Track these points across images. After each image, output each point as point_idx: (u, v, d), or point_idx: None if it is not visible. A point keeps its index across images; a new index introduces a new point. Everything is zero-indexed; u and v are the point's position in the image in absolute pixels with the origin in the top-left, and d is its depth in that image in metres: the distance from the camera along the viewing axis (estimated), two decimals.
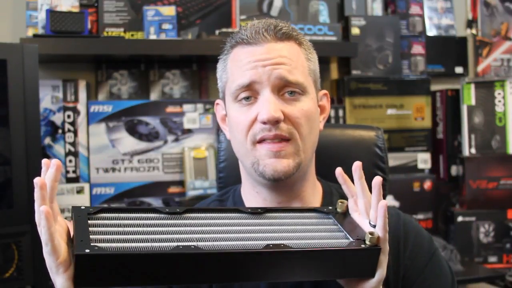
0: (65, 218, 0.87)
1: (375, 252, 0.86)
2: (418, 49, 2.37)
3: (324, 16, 2.22)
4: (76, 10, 1.93)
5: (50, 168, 0.85)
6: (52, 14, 1.82)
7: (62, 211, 1.92)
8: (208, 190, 2.00)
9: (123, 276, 0.78)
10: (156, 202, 2.01)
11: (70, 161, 1.96)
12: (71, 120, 1.96)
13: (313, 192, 1.07)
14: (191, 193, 2.00)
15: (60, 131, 1.95)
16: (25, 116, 1.52)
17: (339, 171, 0.95)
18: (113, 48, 1.91)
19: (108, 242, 0.80)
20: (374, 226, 0.88)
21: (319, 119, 1.06)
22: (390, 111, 2.25)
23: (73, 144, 1.96)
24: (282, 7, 2.19)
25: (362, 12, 2.29)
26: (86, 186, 1.96)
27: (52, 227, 0.78)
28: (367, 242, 0.86)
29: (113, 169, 1.99)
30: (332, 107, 2.15)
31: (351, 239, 0.89)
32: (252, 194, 1.06)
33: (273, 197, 1.03)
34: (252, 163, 0.98)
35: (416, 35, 2.37)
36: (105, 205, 0.95)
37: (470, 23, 2.48)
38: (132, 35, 2.03)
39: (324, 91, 1.09)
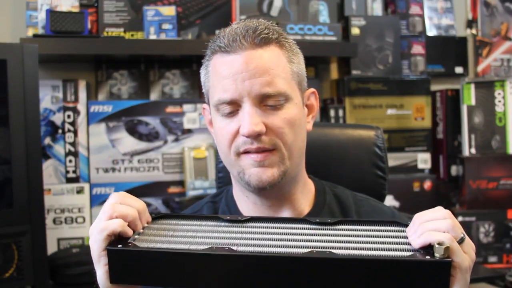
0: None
1: (445, 266, 0.72)
2: (418, 49, 2.37)
3: (324, 16, 2.22)
4: (76, 10, 1.93)
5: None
6: (52, 14, 1.82)
7: (62, 211, 1.92)
8: (208, 190, 2.00)
9: (156, 275, 0.77)
10: (156, 202, 2.01)
11: (70, 161, 1.96)
12: (71, 120, 1.96)
13: (303, 194, 1.07)
14: (191, 193, 2.00)
15: (60, 131, 1.95)
16: (25, 116, 1.52)
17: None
18: (113, 48, 1.90)
19: (150, 243, 0.80)
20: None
21: (307, 119, 1.05)
22: (390, 111, 2.25)
23: (73, 144, 1.96)
24: (282, 7, 2.19)
25: (362, 12, 2.29)
26: (86, 186, 1.96)
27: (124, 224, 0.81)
28: (436, 254, 0.73)
29: (113, 169, 1.99)
30: (332, 107, 2.15)
31: (416, 252, 0.75)
32: (243, 198, 1.06)
33: (262, 201, 1.03)
34: (238, 172, 0.99)
35: (416, 35, 2.37)
36: (171, 213, 0.95)
37: (470, 23, 2.48)
38: (132, 35, 2.03)
39: (312, 90, 1.07)
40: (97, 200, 1.97)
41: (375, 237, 0.82)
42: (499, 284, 2.10)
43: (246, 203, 1.05)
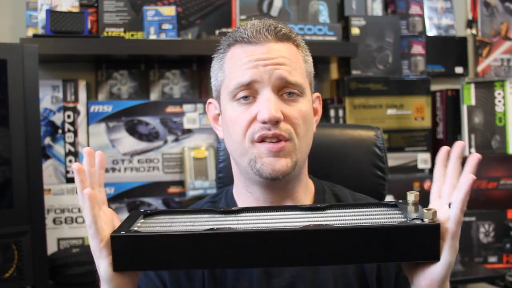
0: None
1: (434, 229, 0.76)
2: (418, 49, 2.37)
3: (324, 16, 2.22)
4: (76, 10, 1.93)
5: (95, 157, 0.88)
6: (52, 14, 1.82)
7: (62, 211, 1.92)
8: (208, 190, 2.00)
9: (160, 259, 0.78)
10: (156, 202, 2.01)
11: (70, 161, 1.96)
12: (71, 120, 1.96)
13: (305, 192, 1.07)
14: (191, 193, 2.00)
15: (60, 131, 1.95)
16: (25, 116, 1.52)
17: (457, 145, 0.87)
18: (113, 48, 1.90)
19: (152, 228, 0.82)
20: None
21: (313, 121, 1.06)
22: (390, 111, 2.25)
23: (73, 144, 1.96)
24: (282, 7, 2.19)
25: (362, 12, 2.29)
26: None
27: (95, 209, 0.81)
28: (424, 219, 0.77)
29: (113, 169, 1.99)
30: (332, 107, 2.15)
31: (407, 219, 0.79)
32: (245, 194, 1.05)
33: (266, 196, 1.03)
34: (249, 161, 0.98)
35: (416, 35, 2.37)
36: (165, 209, 0.96)
37: (470, 23, 2.48)
38: (132, 35, 2.03)
39: (317, 94, 1.09)
40: None
41: (366, 215, 0.86)
42: (499, 284, 2.10)
43: (249, 200, 1.05)
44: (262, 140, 0.97)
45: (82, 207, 0.82)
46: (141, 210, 0.91)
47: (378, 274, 1.01)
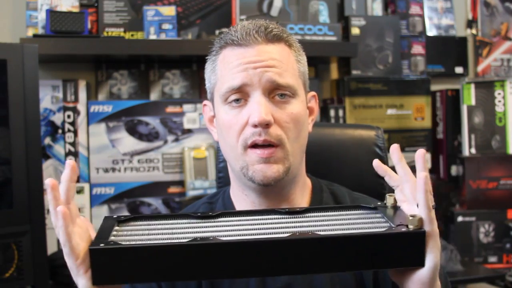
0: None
1: (419, 236, 0.76)
2: (418, 49, 2.37)
3: (324, 16, 2.22)
4: (76, 10, 1.93)
5: (65, 169, 0.86)
6: (52, 14, 1.82)
7: None
8: (208, 190, 2.00)
9: (142, 272, 0.76)
10: (156, 202, 2.01)
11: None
12: (71, 120, 1.96)
13: (302, 193, 1.07)
14: (191, 193, 2.00)
15: (60, 131, 1.95)
16: (25, 116, 1.52)
17: (376, 163, 0.91)
18: (113, 48, 1.91)
19: (130, 239, 0.79)
20: None
21: (308, 121, 1.06)
22: (390, 111, 2.25)
23: (73, 144, 1.96)
24: (282, 7, 2.19)
25: (362, 12, 2.29)
26: (86, 186, 1.96)
27: (69, 227, 0.77)
28: (409, 226, 0.77)
29: (113, 169, 1.99)
30: (332, 107, 2.15)
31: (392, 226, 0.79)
32: (241, 197, 1.05)
33: (261, 201, 1.03)
34: (241, 168, 0.98)
35: (416, 35, 2.37)
36: (140, 215, 0.94)
37: (470, 23, 2.48)
38: (132, 35, 2.03)
39: (313, 93, 1.09)
40: (97, 200, 1.97)
41: (347, 219, 0.86)
42: (499, 284, 2.10)
43: (245, 202, 1.05)
44: (253, 146, 0.96)
45: (55, 225, 0.78)
46: (114, 216, 0.88)
47: (375, 277, 1.01)
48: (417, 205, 0.79)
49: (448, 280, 1.03)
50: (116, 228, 0.84)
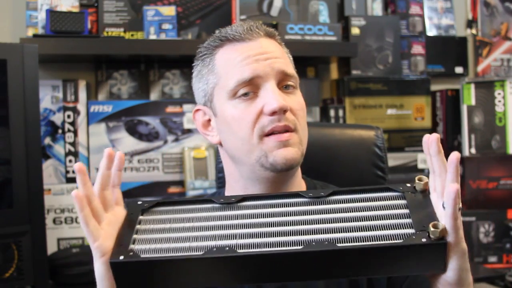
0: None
1: (440, 247, 0.74)
2: (418, 49, 2.37)
3: (324, 16, 2.22)
4: (76, 10, 1.93)
5: (115, 159, 0.88)
6: (52, 14, 1.82)
7: (62, 211, 1.92)
8: (208, 190, 2.00)
9: (160, 281, 0.79)
10: None
11: (70, 161, 1.96)
12: (71, 120, 1.96)
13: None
14: (191, 193, 2.00)
15: (60, 131, 1.95)
16: (25, 116, 1.52)
17: (426, 138, 0.83)
18: (113, 48, 1.91)
19: (150, 243, 0.81)
20: None
21: None
22: (390, 111, 2.25)
23: (73, 144, 1.96)
24: (282, 7, 2.19)
25: (362, 12, 2.29)
26: None
27: (84, 210, 0.80)
28: (431, 236, 0.74)
29: None
30: (332, 107, 2.15)
31: (413, 231, 0.76)
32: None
33: None
34: (258, 157, 0.97)
35: (416, 35, 2.37)
36: (160, 199, 0.95)
37: (470, 23, 2.48)
38: (132, 35, 2.03)
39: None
40: None
41: (370, 208, 0.83)
42: (499, 284, 2.10)
43: None
44: (271, 133, 0.97)
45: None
46: (139, 202, 0.90)
47: (369, 278, 1.01)
48: (443, 205, 0.76)
49: None
50: (140, 218, 0.86)
